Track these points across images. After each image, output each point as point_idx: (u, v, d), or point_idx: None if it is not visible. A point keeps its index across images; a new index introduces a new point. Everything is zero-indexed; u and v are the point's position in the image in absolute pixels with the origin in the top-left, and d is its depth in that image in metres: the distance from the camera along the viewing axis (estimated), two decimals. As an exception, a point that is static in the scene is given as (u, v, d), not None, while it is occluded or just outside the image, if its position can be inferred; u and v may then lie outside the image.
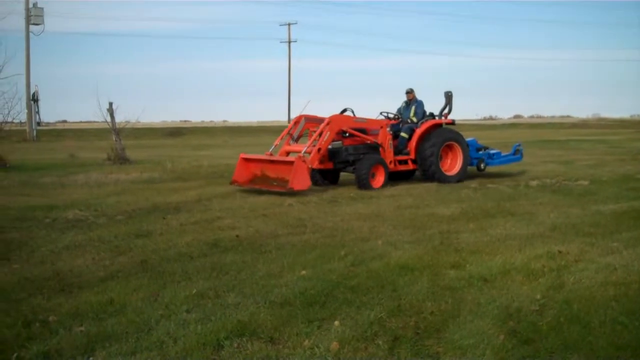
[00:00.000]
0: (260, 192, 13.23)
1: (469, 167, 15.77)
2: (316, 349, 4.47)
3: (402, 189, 13.73)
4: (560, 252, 7.30)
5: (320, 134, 13.50)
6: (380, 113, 15.54)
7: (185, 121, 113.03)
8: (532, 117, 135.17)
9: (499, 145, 19.02)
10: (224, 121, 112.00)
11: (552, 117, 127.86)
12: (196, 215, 10.31)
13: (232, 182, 13.50)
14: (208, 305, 5.48)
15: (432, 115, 15.60)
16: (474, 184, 14.57)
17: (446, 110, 15.74)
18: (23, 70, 42.69)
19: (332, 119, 13.79)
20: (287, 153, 13.96)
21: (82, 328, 4.95)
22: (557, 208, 10.79)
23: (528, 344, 4.63)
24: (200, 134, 58.13)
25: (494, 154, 16.45)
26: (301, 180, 12.43)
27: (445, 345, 4.59)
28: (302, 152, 13.09)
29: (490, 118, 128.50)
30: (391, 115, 15.59)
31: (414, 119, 15.37)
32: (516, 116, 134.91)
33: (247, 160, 13.81)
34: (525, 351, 4.50)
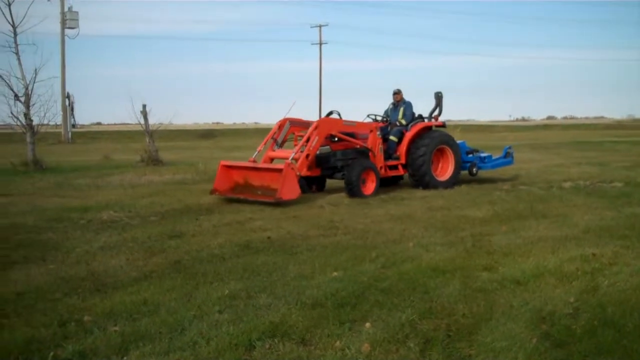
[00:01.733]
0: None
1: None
2: (347, 351, 4.47)
3: (433, 190, 13.67)
4: (594, 254, 7.21)
5: (308, 139, 12.48)
6: (368, 115, 14.58)
7: (217, 123, 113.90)
8: (565, 118, 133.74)
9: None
10: (256, 123, 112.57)
11: (586, 118, 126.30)
12: (228, 216, 10.38)
13: (211, 192, 12.48)
14: (240, 306, 5.52)
15: (420, 117, 14.79)
16: (505, 185, 14.45)
17: (436, 112, 14.95)
18: (59, 73, 43.39)
19: (321, 122, 12.82)
20: (271, 159, 13.14)
21: (117, 328, 5.02)
22: (591, 210, 10.66)
23: (561, 347, 4.58)
24: (232, 135, 58.55)
25: (485, 158, 15.73)
26: (290, 189, 11.50)
27: (477, 348, 4.57)
28: (290, 158, 12.00)
29: (523, 119, 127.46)
30: (379, 118, 14.70)
31: (403, 121, 14.53)
32: (549, 117, 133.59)
33: (228, 167, 12.82)
34: (559, 355, 4.46)
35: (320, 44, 75.54)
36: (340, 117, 13.49)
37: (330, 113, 13.60)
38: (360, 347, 4.50)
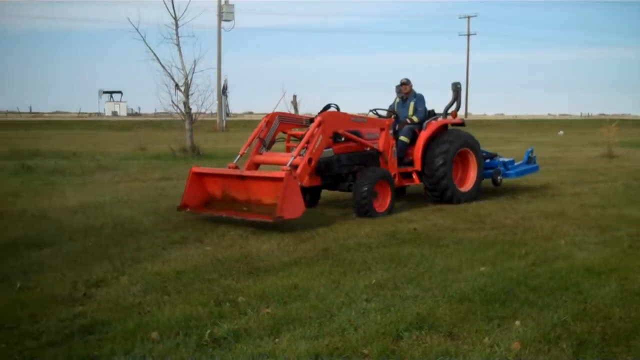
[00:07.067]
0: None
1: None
2: (496, 348, 4.41)
3: (586, 187, 13.11)
4: None
5: (308, 140, 9.52)
6: (370, 111, 11.91)
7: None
8: None
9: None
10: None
11: None
12: (374, 206, 10.45)
13: (179, 208, 9.62)
14: (387, 296, 5.58)
15: (433, 114, 11.91)
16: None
17: (454, 107, 11.94)
18: (215, 64, 45.23)
19: (326, 118, 9.79)
20: (257, 165, 10.25)
21: (269, 310, 5.22)
22: None
23: None
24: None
25: (507, 163, 12.88)
26: (293, 204, 8.53)
27: (635, 353, 4.36)
28: (288, 164, 9.09)
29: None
30: (383, 113, 11.70)
31: (415, 119, 11.56)
32: None
33: (201, 175, 9.91)
34: None
35: (469, 35, 74.19)
36: (339, 111, 10.75)
37: (328, 107, 10.84)
38: (510, 345, 4.42)
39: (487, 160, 12.53)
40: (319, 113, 10.38)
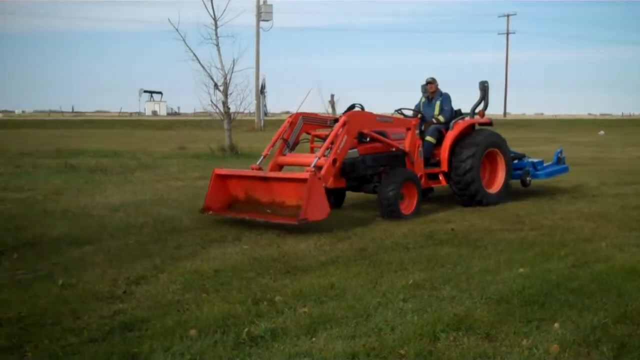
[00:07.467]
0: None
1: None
2: (535, 350, 4.37)
3: (628, 188, 12.89)
4: None
5: (333, 140, 9.28)
6: (396, 110, 11.51)
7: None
8: None
9: None
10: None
11: None
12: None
13: (202, 211, 9.44)
14: (424, 297, 5.56)
15: (460, 113, 11.61)
16: None
17: (481, 106, 11.59)
18: (253, 64, 45.48)
19: (351, 117, 9.55)
20: (280, 167, 10.05)
21: (306, 309, 5.24)
22: None
23: None
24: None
25: (537, 164, 12.50)
26: (318, 205, 8.38)
27: (677, 358, 4.29)
28: (312, 164, 8.94)
29: None
30: (409, 113, 11.29)
31: (441, 119, 11.30)
32: None
33: (223, 177, 9.71)
34: None
35: (508, 33, 73.54)
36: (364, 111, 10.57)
37: (353, 106, 10.63)
38: (549, 348, 4.38)
39: (516, 161, 12.23)
40: (343, 113, 10.25)
